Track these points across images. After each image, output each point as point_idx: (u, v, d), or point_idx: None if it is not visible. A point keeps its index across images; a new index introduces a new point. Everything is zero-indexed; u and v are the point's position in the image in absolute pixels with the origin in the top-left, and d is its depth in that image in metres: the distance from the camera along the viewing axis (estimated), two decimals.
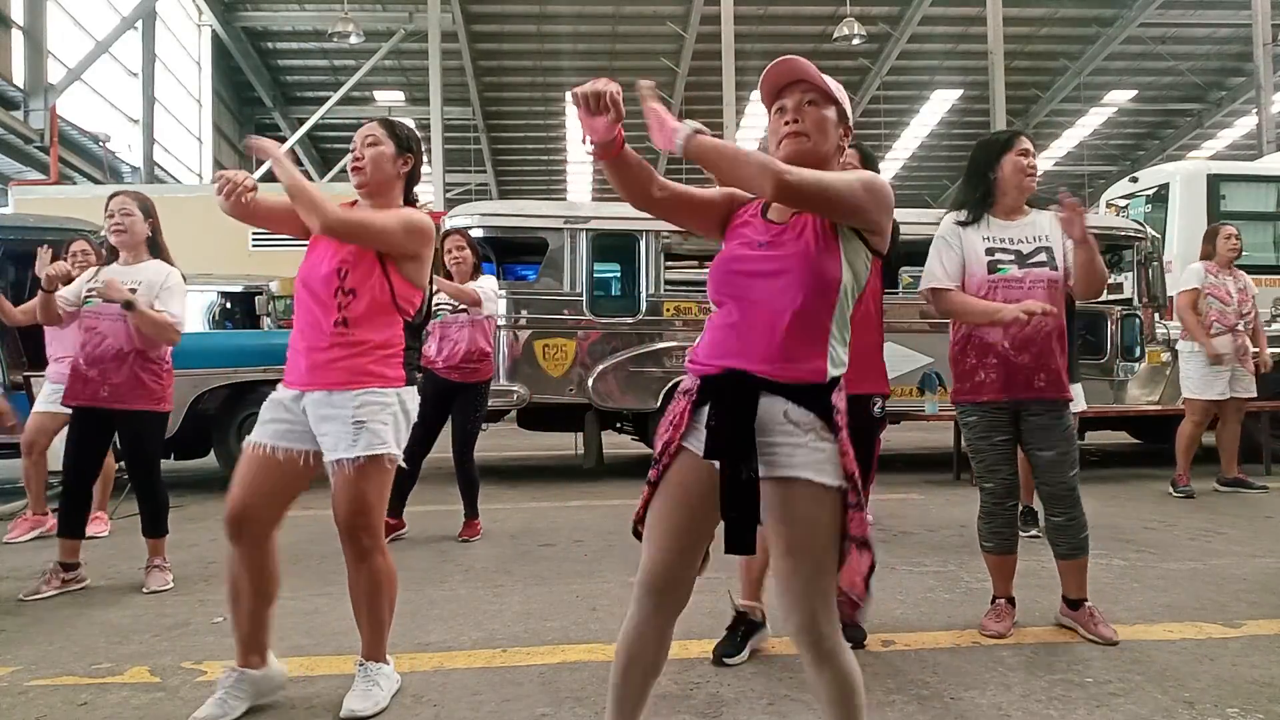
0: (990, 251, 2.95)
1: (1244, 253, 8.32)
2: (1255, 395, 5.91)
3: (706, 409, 1.67)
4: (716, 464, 1.65)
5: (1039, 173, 3.05)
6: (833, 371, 1.68)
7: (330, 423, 2.36)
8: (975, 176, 3.05)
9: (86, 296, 3.73)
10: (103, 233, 5.48)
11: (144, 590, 3.68)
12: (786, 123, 1.75)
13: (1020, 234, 2.96)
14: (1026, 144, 3.00)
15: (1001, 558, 3.08)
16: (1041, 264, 2.92)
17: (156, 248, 3.80)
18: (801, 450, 1.63)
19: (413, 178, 2.58)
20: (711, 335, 1.72)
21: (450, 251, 4.73)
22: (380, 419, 2.39)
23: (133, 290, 3.63)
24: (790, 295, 1.64)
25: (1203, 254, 5.92)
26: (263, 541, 2.40)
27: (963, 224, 3.03)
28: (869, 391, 2.82)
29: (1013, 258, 2.93)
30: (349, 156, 2.50)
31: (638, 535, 1.76)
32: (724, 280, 1.73)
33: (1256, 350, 5.81)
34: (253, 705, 2.40)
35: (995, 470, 3.02)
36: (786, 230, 1.71)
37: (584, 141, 1.66)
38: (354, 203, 2.54)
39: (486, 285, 4.76)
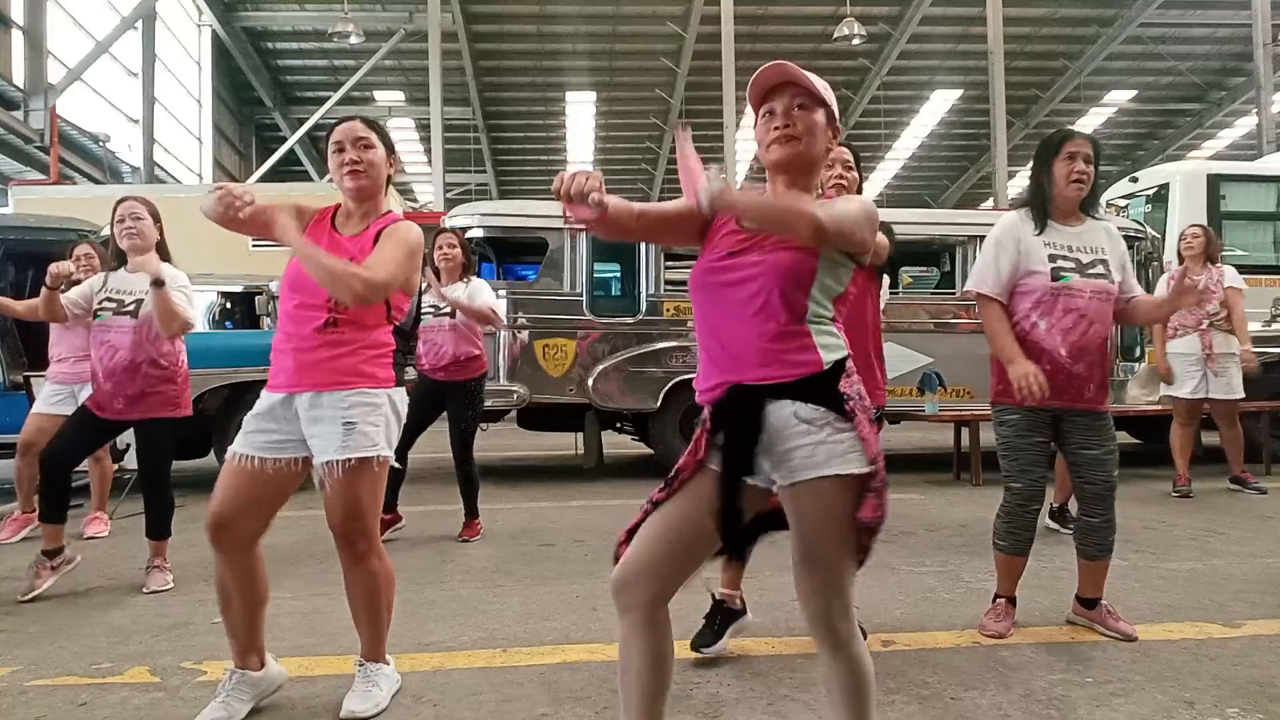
0: (1053, 258, 2.93)
1: (1244, 252, 8.34)
2: (1240, 396, 5.82)
3: (721, 433, 1.69)
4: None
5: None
6: (829, 356, 1.67)
7: (320, 424, 2.34)
8: (1033, 181, 3.04)
9: (98, 310, 3.73)
10: (103, 232, 5.48)
11: (144, 590, 3.68)
12: (776, 127, 1.73)
13: (1079, 243, 2.97)
14: (1075, 146, 2.93)
15: (1014, 558, 3.06)
16: (1100, 275, 2.93)
17: (164, 251, 3.82)
18: (824, 447, 1.62)
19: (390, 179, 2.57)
20: (704, 359, 1.75)
21: (441, 248, 4.70)
22: (371, 420, 2.37)
23: (140, 300, 3.69)
24: (761, 299, 1.66)
25: (1177, 258, 6.01)
26: (246, 548, 2.38)
27: (1031, 229, 3.00)
28: None
29: (1074, 266, 2.92)
30: (343, 156, 2.39)
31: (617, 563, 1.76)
32: (700, 290, 1.75)
33: (1233, 352, 5.74)
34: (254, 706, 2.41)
35: (1028, 471, 2.99)
36: (754, 237, 1.71)
37: (565, 219, 1.68)
38: (336, 206, 2.48)
39: (487, 295, 4.74)
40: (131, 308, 3.71)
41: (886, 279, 4.61)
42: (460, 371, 4.66)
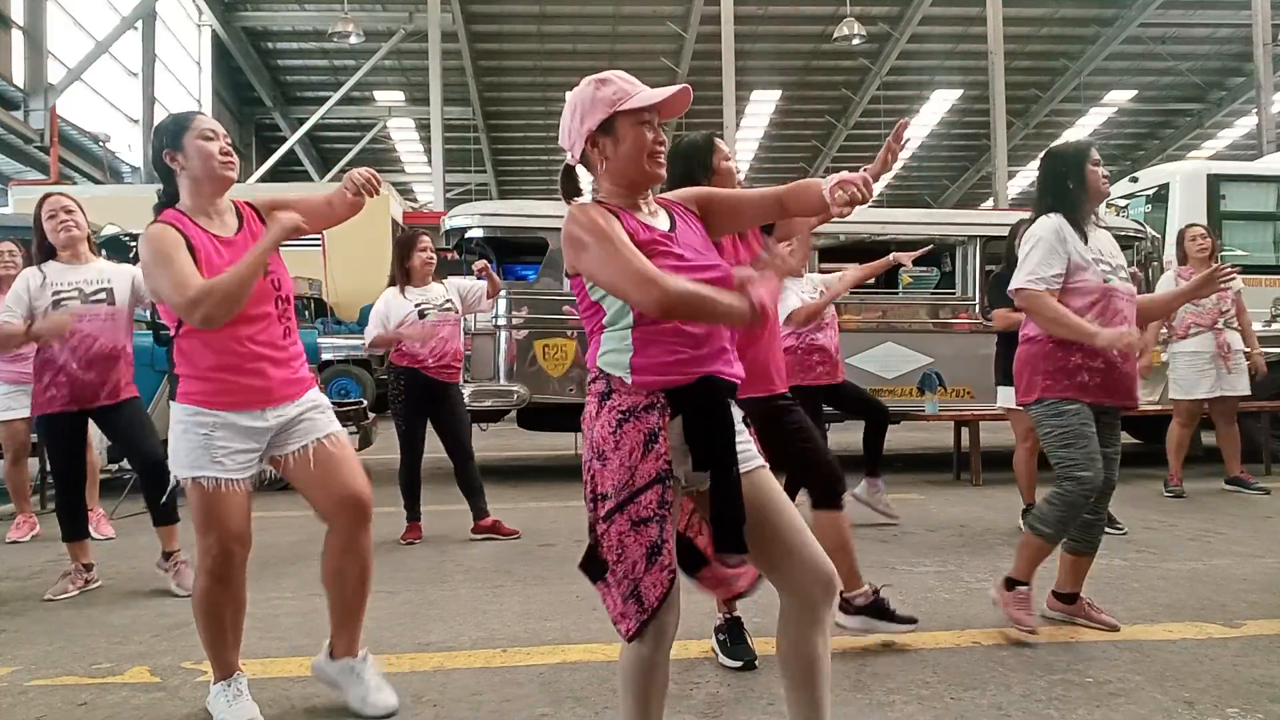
0: (1096, 261, 2.95)
1: (1244, 253, 8.32)
2: (1248, 393, 5.83)
3: (679, 423, 1.69)
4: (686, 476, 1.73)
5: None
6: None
7: (304, 419, 2.37)
8: (1060, 187, 3.02)
9: (60, 301, 3.61)
10: (105, 230, 5.46)
11: (179, 592, 3.54)
12: (661, 144, 1.77)
13: (1103, 247, 3.00)
14: (1097, 154, 3.05)
15: (1048, 549, 2.98)
16: (1125, 279, 2.99)
17: (91, 245, 3.86)
18: (752, 444, 1.83)
19: None
20: (673, 347, 1.68)
21: (426, 250, 4.63)
22: None
23: (107, 289, 3.68)
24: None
25: (1177, 257, 5.92)
26: (246, 561, 2.37)
27: (1073, 232, 2.99)
28: (770, 393, 2.67)
29: (1109, 268, 2.96)
30: (220, 145, 2.32)
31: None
32: None
33: (1247, 350, 5.76)
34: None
35: (1095, 459, 2.91)
36: (689, 232, 1.79)
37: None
38: (179, 220, 2.29)
39: (450, 287, 4.72)
40: (101, 296, 3.66)
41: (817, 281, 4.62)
42: (457, 372, 4.65)
